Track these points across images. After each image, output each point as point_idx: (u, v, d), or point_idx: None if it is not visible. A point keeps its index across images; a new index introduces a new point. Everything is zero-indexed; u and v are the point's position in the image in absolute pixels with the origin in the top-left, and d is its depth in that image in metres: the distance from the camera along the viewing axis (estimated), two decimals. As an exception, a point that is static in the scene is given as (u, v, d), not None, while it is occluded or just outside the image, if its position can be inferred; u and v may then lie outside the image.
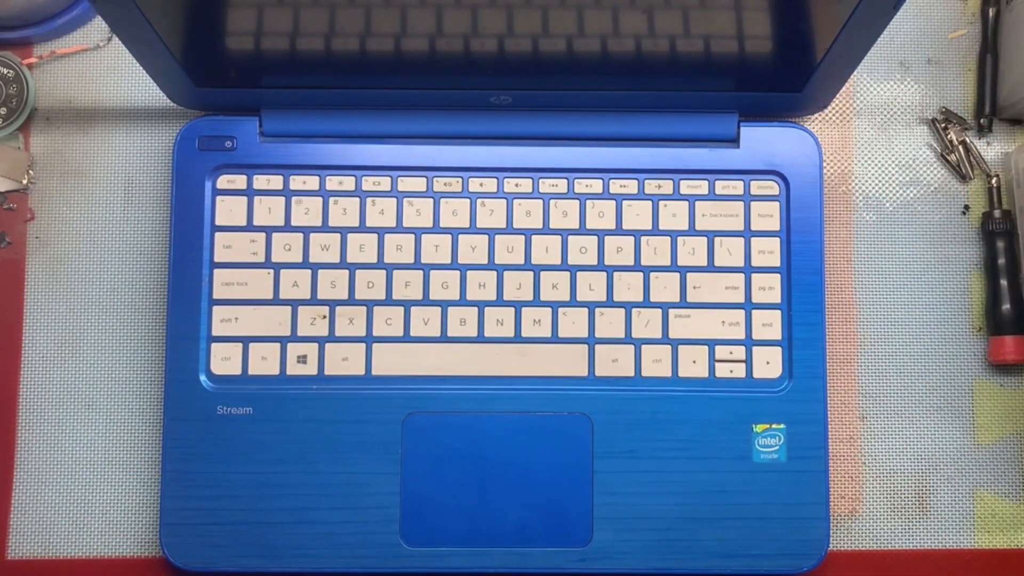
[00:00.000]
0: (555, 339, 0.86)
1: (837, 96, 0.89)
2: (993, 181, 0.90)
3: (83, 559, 0.88)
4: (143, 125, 0.92)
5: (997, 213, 0.89)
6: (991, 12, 0.92)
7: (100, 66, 0.93)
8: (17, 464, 0.89)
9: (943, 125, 0.91)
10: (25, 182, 0.91)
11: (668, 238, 0.87)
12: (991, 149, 0.92)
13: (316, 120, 0.87)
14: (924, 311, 0.90)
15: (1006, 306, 0.87)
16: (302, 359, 0.85)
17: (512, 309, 0.86)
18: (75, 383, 0.90)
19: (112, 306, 0.90)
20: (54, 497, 0.88)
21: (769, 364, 0.86)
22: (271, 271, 0.86)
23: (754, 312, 0.86)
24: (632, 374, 0.86)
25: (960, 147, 0.91)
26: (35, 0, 0.90)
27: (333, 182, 0.87)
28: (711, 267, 0.87)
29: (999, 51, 0.91)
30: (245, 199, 0.87)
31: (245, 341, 0.86)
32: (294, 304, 0.86)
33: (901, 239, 0.91)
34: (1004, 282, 0.88)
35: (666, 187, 0.88)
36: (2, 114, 0.90)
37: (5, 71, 0.90)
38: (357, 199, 0.87)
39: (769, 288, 0.87)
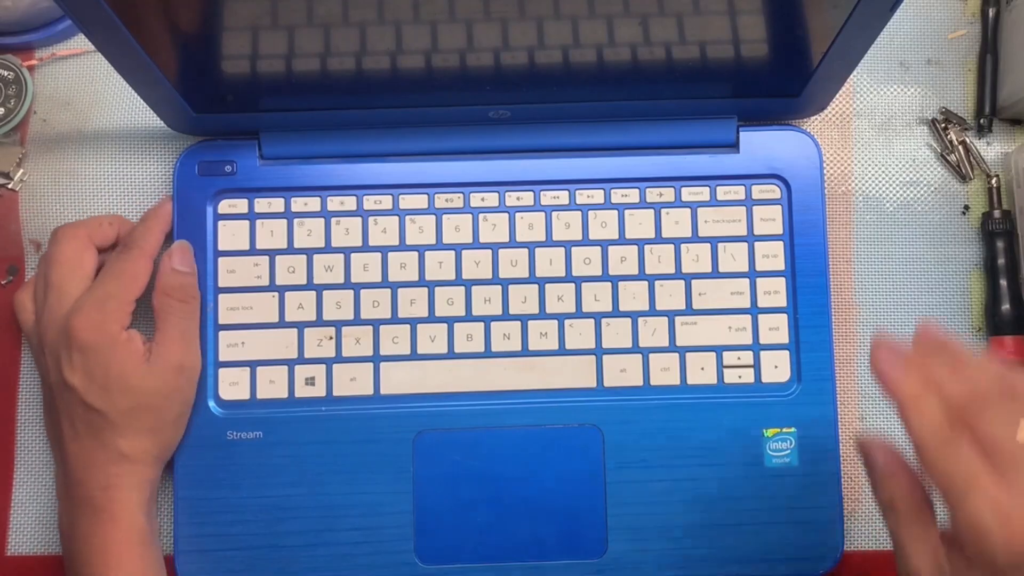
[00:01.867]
0: (562, 351, 0.86)
1: (837, 96, 0.89)
2: (993, 181, 0.90)
3: (85, 556, 0.88)
4: (142, 125, 0.92)
5: (997, 213, 0.89)
6: (991, 12, 0.91)
7: (100, 68, 0.92)
8: (17, 461, 0.89)
9: (943, 125, 0.91)
10: (17, 176, 0.90)
11: (671, 245, 0.87)
12: (991, 149, 0.92)
13: (315, 141, 0.87)
14: (924, 311, 0.90)
15: (1006, 306, 0.88)
16: (310, 381, 0.85)
17: (518, 323, 0.86)
18: (73, 381, 0.89)
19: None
20: (54, 494, 0.87)
21: (777, 368, 0.86)
22: (276, 294, 0.86)
23: (760, 317, 0.87)
24: (641, 383, 0.86)
25: (960, 147, 0.91)
26: (36, 5, 0.88)
27: (334, 202, 0.87)
28: (715, 273, 0.87)
29: (999, 51, 0.91)
30: (247, 223, 0.87)
31: (252, 365, 0.85)
32: (300, 326, 0.86)
33: (901, 239, 0.91)
34: (1004, 282, 0.88)
35: (667, 195, 0.87)
36: (-1, 114, 0.89)
37: (5, 73, 0.89)
38: (359, 218, 0.87)
39: (774, 292, 0.87)
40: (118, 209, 0.90)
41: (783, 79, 0.83)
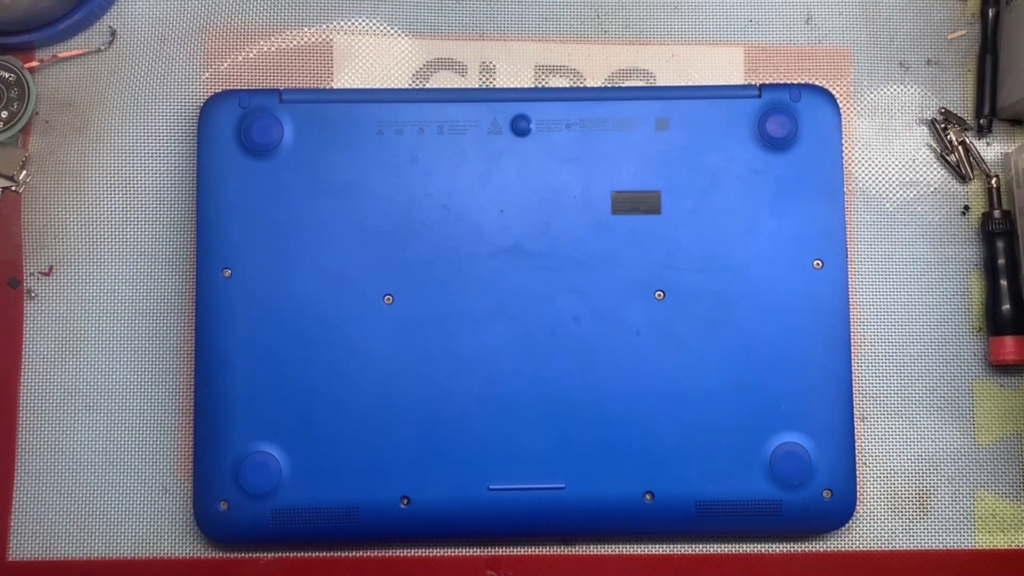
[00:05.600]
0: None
1: (837, 95, 0.89)
2: (993, 181, 0.90)
3: (84, 560, 0.89)
4: (142, 127, 0.92)
5: (997, 213, 0.89)
6: (991, 12, 0.91)
7: (101, 69, 0.93)
8: (18, 466, 0.89)
9: (943, 125, 0.91)
10: (21, 178, 0.91)
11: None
12: (991, 149, 0.92)
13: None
14: (924, 311, 0.90)
15: (1006, 306, 0.88)
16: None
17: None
18: (76, 385, 0.90)
19: (112, 307, 0.90)
20: (55, 499, 0.89)
21: None
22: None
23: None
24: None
25: (960, 147, 0.91)
26: (37, 5, 0.89)
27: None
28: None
29: (999, 51, 0.91)
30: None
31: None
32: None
33: (901, 239, 0.91)
34: (1004, 282, 0.88)
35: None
36: (3, 118, 0.89)
37: (7, 75, 0.90)
38: None
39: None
40: (120, 209, 0.91)
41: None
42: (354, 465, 0.85)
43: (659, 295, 0.86)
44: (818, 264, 0.86)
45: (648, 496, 0.85)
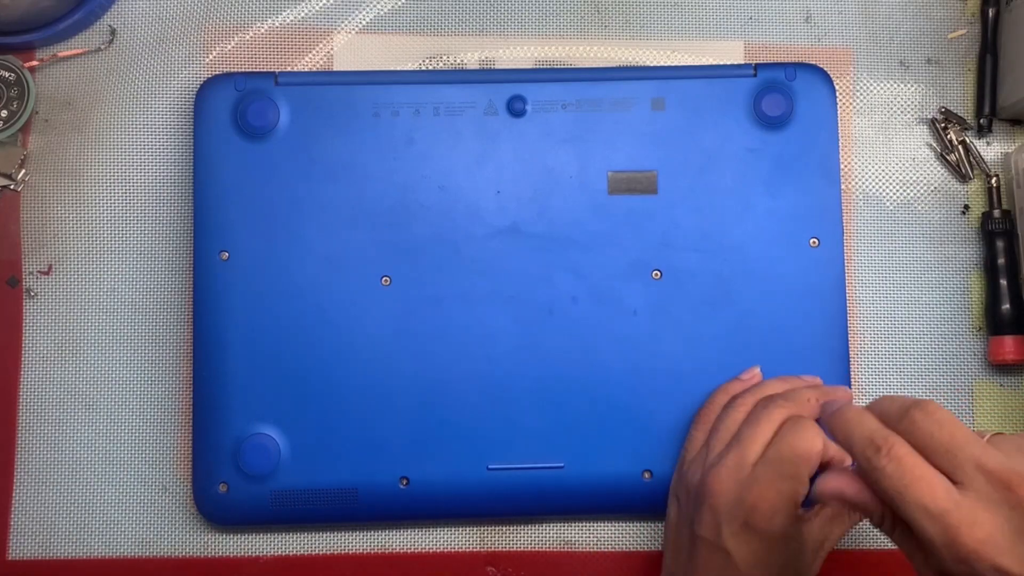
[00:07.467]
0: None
1: (838, 93, 0.90)
2: (993, 181, 0.90)
3: (84, 559, 0.88)
4: (141, 125, 0.92)
5: (997, 213, 0.89)
6: (991, 12, 0.91)
7: (100, 68, 0.92)
8: (18, 465, 0.89)
9: (943, 125, 0.91)
10: (20, 176, 0.90)
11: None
12: (991, 149, 0.92)
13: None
14: (924, 311, 0.90)
15: (1006, 306, 0.88)
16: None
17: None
18: (75, 383, 0.90)
19: (111, 305, 0.90)
20: (55, 498, 0.88)
21: None
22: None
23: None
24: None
25: (960, 147, 0.91)
26: (37, 4, 0.89)
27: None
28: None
29: (999, 51, 0.91)
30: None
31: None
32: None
33: (901, 239, 0.91)
34: (1004, 282, 0.88)
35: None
36: (3, 117, 0.89)
37: (7, 74, 0.90)
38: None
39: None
40: (119, 208, 0.91)
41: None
42: (353, 446, 0.85)
43: (656, 274, 0.86)
44: (814, 242, 0.86)
45: (647, 474, 0.85)
